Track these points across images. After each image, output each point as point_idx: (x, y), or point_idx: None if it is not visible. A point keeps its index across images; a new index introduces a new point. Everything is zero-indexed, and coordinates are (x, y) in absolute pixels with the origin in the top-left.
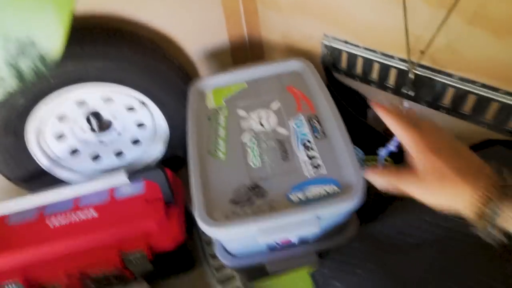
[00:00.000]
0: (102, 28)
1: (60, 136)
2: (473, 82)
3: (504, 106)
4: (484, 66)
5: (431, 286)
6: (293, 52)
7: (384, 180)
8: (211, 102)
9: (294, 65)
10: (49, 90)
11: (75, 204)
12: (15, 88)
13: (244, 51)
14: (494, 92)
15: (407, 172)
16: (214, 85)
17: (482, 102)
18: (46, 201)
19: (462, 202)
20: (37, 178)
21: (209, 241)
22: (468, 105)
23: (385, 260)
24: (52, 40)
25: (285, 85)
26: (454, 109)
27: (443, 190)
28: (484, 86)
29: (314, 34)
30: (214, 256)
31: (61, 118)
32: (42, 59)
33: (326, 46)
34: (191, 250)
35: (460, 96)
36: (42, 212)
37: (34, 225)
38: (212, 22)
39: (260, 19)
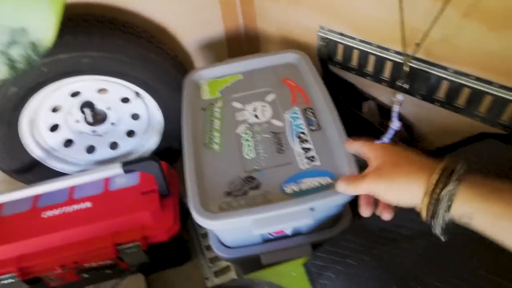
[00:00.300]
0: (96, 18)
1: (54, 127)
2: (467, 75)
3: (497, 99)
4: (478, 59)
5: (424, 277)
6: (289, 44)
7: (354, 187)
8: (206, 94)
9: (289, 57)
10: (43, 82)
11: (70, 196)
12: (7, 76)
13: (239, 43)
14: (488, 85)
15: (369, 171)
16: (209, 76)
17: (476, 95)
18: (40, 192)
19: (418, 189)
20: (31, 169)
21: (204, 233)
22: (462, 98)
23: (378, 251)
24: (43, 28)
25: (281, 77)
26: (449, 102)
27: (400, 178)
28: (478, 79)
29: (310, 26)
30: (209, 248)
31: (55, 109)
32: (34, 47)
33: (322, 38)
34: (187, 242)
35: (455, 89)
36: (36, 204)
37: (28, 217)
38: (208, 13)
39: (256, 10)
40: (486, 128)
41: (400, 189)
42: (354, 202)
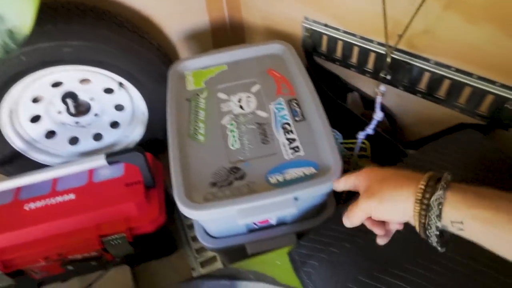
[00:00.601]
0: (77, 6)
1: (35, 118)
2: (448, 67)
3: (476, 91)
4: (458, 51)
5: (404, 263)
6: (274, 34)
7: (352, 213)
8: (191, 84)
9: (275, 48)
10: (23, 72)
11: (53, 188)
12: None
13: (224, 33)
14: (467, 77)
15: (360, 195)
16: (194, 67)
17: (456, 87)
18: (22, 184)
19: (408, 200)
20: (12, 161)
21: (190, 224)
22: (443, 89)
23: (360, 239)
24: (21, 15)
25: (266, 68)
26: (430, 93)
27: (390, 191)
28: (458, 71)
29: (295, 17)
30: (195, 239)
31: (35, 100)
32: (11, 34)
33: (306, 29)
34: (173, 233)
35: (436, 80)
36: (18, 196)
37: (10, 209)
38: (192, 2)
39: (241, 1)
40: (465, 119)
41: (391, 202)
42: (338, 192)
